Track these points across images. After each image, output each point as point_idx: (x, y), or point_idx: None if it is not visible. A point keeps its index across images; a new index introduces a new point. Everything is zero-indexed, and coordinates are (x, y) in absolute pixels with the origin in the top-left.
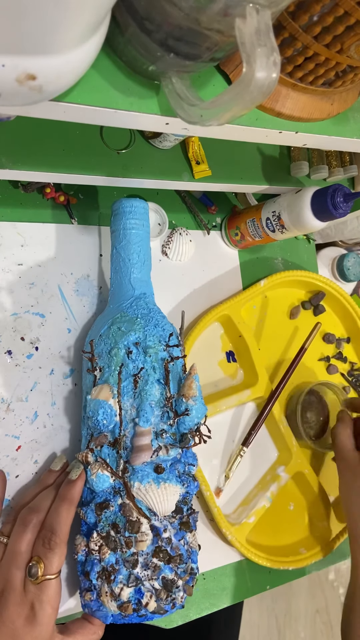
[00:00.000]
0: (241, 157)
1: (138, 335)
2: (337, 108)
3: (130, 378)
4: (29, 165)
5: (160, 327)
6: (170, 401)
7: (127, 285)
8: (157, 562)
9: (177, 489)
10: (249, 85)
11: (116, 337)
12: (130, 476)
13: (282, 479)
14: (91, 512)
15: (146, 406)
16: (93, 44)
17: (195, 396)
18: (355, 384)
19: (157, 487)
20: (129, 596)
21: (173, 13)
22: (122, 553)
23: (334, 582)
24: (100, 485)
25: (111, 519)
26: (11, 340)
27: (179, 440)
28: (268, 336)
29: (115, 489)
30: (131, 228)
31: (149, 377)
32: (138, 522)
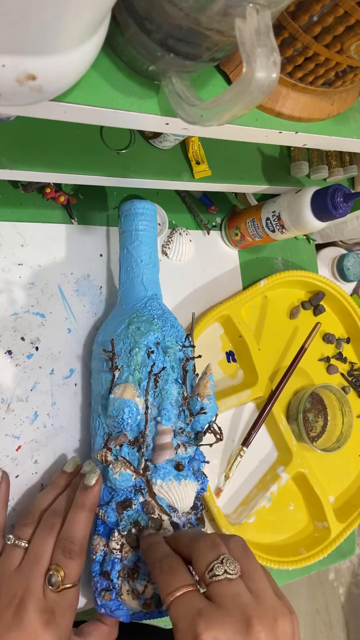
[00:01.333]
0: (241, 157)
1: (157, 335)
2: (337, 108)
3: (152, 377)
4: (29, 165)
5: (176, 328)
6: (187, 400)
7: (140, 285)
8: None
9: (194, 485)
10: (249, 85)
11: (135, 337)
12: (152, 474)
13: (282, 479)
14: (112, 512)
15: (167, 405)
16: (93, 44)
17: (209, 395)
18: (355, 384)
19: (179, 484)
20: (153, 592)
21: (173, 13)
22: None
23: (334, 582)
24: (124, 484)
25: (133, 517)
26: (11, 340)
27: (194, 438)
28: (268, 336)
29: (136, 487)
30: (143, 229)
31: (169, 376)
32: (160, 519)
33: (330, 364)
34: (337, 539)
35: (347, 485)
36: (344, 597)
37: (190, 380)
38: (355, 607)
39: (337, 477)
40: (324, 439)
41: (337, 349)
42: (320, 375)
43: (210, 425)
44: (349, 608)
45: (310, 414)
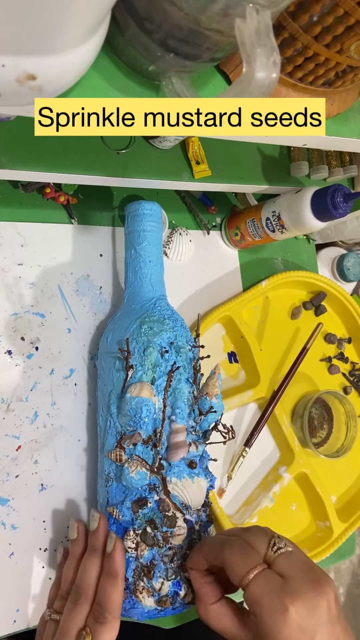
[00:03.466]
0: (241, 157)
1: (169, 335)
2: (337, 108)
3: (164, 377)
4: (29, 165)
5: (185, 328)
6: (197, 399)
7: (148, 285)
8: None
9: (205, 482)
10: (248, 85)
11: (149, 337)
12: (166, 472)
13: (284, 479)
14: (127, 510)
15: (181, 404)
16: (93, 44)
17: (217, 394)
18: (357, 384)
19: (192, 481)
20: (169, 590)
21: (173, 13)
22: (159, 548)
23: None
24: (140, 482)
25: (148, 516)
26: (11, 340)
27: (202, 436)
28: (270, 337)
29: (151, 485)
30: (151, 230)
31: (181, 376)
32: (174, 517)
33: (331, 364)
34: (340, 538)
35: (349, 484)
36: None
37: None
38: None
39: (339, 477)
40: (327, 446)
41: (339, 349)
42: (321, 375)
43: (217, 423)
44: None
45: (315, 420)
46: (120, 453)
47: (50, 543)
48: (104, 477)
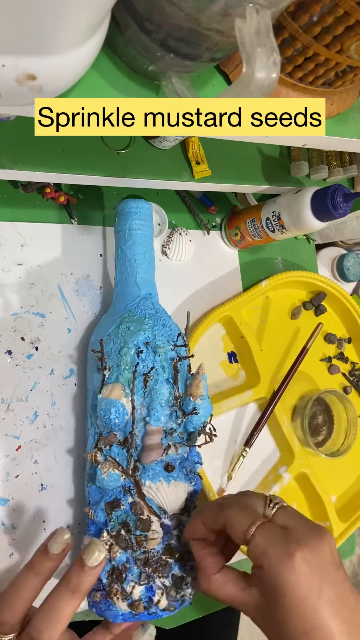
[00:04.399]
0: (241, 157)
1: (147, 335)
2: (337, 108)
3: (141, 377)
4: (29, 165)
5: (168, 327)
6: (178, 400)
7: (133, 285)
8: (168, 560)
9: (185, 487)
10: (248, 86)
11: (125, 337)
12: (140, 475)
13: (284, 479)
14: (101, 512)
15: (157, 405)
16: (93, 44)
17: (202, 395)
18: (357, 384)
19: (168, 485)
20: (141, 594)
21: (173, 13)
22: (133, 552)
23: None
24: (112, 484)
25: (122, 518)
26: (11, 340)
27: (187, 438)
28: (270, 337)
29: (125, 487)
30: (137, 229)
31: (159, 376)
32: (149, 521)
33: (331, 364)
34: (340, 538)
35: (349, 484)
36: None
37: (184, 380)
38: None
39: (339, 477)
40: (327, 446)
41: (339, 349)
42: (321, 375)
43: (204, 425)
44: None
45: (316, 420)
46: (96, 454)
47: None
48: (86, 477)
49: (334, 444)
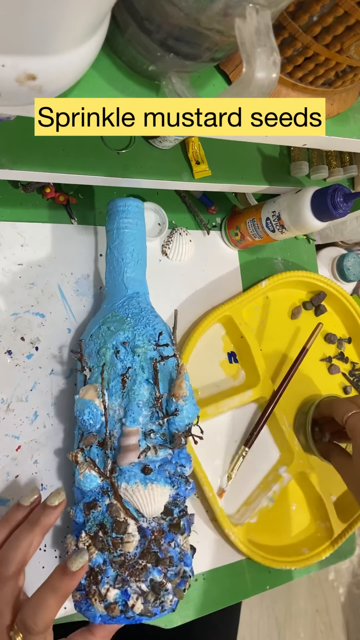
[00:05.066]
0: (241, 157)
1: (127, 335)
2: (337, 108)
3: (119, 378)
4: (29, 165)
5: (150, 326)
6: (159, 401)
7: (121, 284)
8: (145, 564)
9: (165, 490)
10: (248, 86)
11: (105, 337)
12: (117, 477)
13: (284, 479)
14: (80, 512)
15: (133, 406)
16: (93, 44)
17: (185, 396)
18: (357, 384)
19: (144, 487)
20: (115, 597)
21: (173, 13)
22: (110, 553)
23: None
24: (88, 485)
25: (99, 519)
26: (11, 340)
27: (170, 440)
28: (270, 337)
29: (103, 489)
30: (124, 227)
31: (137, 376)
32: (125, 523)
33: (331, 364)
34: (340, 538)
35: None
36: (344, 597)
37: (169, 381)
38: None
39: (339, 477)
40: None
41: (339, 349)
42: (321, 375)
43: (189, 427)
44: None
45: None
46: (77, 454)
47: (50, 543)
48: (72, 478)
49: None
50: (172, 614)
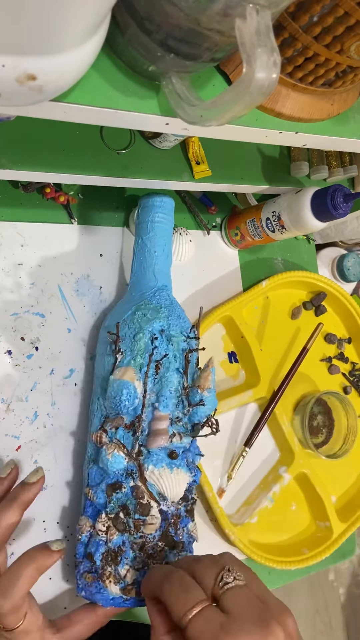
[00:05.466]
0: (241, 157)
1: (163, 324)
2: (337, 108)
3: (153, 363)
4: (29, 165)
5: (182, 319)
6: (187, 391)
7: (151, 275)
8: (163, 547)
9: (187, 476)
10: (249, 86)
11: (141, 323)
12: (144, 459)
13: (284, 479)
14: (101, 493)
15: (166, 392)
16: (93, 44)
17: (210, 388)
18: (357, 384)
19: (171, 472)
20: (134, 578)
21: (173, 13)
22: (130, 535)
23: (333, 582)
24: (115, 466)
25: (122, 501)
26: (11, 340)
27: (191, 429)
28: (270, 337)
29: (127, 471)
30: (159, 221)
31: (171, 364)
32: (148, 505)
33: (331, 364)
34: (339, 538)
35: (349, 484)
36: (344, 598)
37: (192, 372)
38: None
39: (339, 477)
40: (327, 447)
41: (339, 349)
42: (321, 375)
43: (208, 418)
44: (349, 608)
45: (315, 421)
46: (101, 435)
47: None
48: (87, 459)
49: (331, 448)
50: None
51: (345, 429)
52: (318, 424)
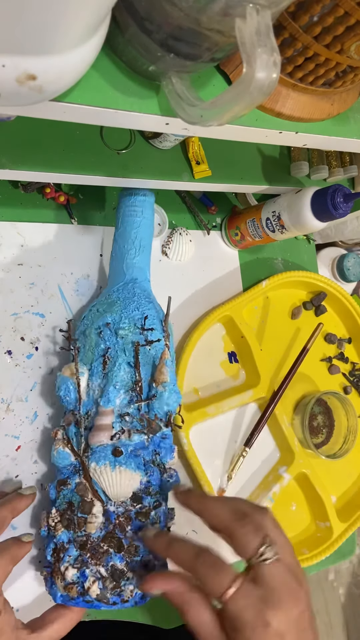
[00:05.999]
0: (241, 157)
1: (114, 317)
2: (337, 108)
3: (101, 359)
4: (29, 165)
5: (140, 310)
6: (139, 385)
7: (121, 270)
8: (107, 548)
9: (135, 475)
10: (249, 86)
11: (93, 319)
12: (89, 456)
13: (284, 479)
14: (53, 489)
15: (110, 387)
16: (93, 44)
17: (165, 382)
18: (357, 384)
19: (112, 470)
20: (73, 577)
21: (173, 13)
22: (74, 533)
23: (333, 582)
24: (61, 462)
25: (68, 497)
26: (11, 340)
27: (146, 426)
28: (270, 337)
29: (76, 467)
30: (128, 215)
31: (118, 358)
32: (91, 503)
33: (332, 364)
34: (340, 538)
35: (349, 484)
36: (344, 598)
37: (152, 366)
38: (355, 608)
39: (339, 477)
40: (327, 447)
41: (339, 349)
42: (321, 375)
43: (169, 415)
44: (349, 608)
45: (315, 421)
46: (57, 431)
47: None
48: None
49: (331, 448)
50: (173, 614)
51: (345, 429)
52: (318, 424)
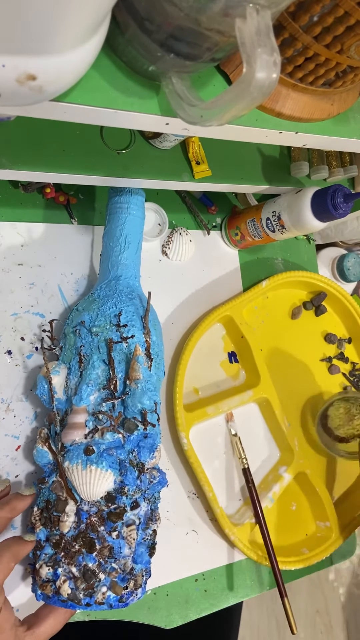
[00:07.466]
0: (241, 157)
1: (90, 315)
2: (337, 108)
3: (77, 357)
4: (29, 165)
5: (117, 307)
6: (113, 382)
7: (106, 268)
8: (79, 548)
9: (107, 475)
10: (249, 86)
11: (73, 318)
12: (65, 455)
13: (284, 479)
14: (35, 487)
15: (83, 385)
16: (93, 44)
17: (138, 379)
18: (357, 384)
19: (83, 469)
20: (48, 575)
21: (173, 13)
22: (50, 531)
23: (333, 582)
24: (40, 460)
25: (46, 495)
26: (11, 340)
27: (121, 424)
28: (270, 337)
29: (54, 466)
30: (114, 212)
31: (93, 356)
32: (64, 502)
33: (332, 364)
34: (340, 538)
35: (349, 484)
36: (344, 598)
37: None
38: (356, 608)
39: (339, 477)
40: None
41: (339, 349)
42: (322, 375)
43: (144, 413)
44: (349, 608)
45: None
46: (42, 430)
47: None
48: None
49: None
50: (172, 614)
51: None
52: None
